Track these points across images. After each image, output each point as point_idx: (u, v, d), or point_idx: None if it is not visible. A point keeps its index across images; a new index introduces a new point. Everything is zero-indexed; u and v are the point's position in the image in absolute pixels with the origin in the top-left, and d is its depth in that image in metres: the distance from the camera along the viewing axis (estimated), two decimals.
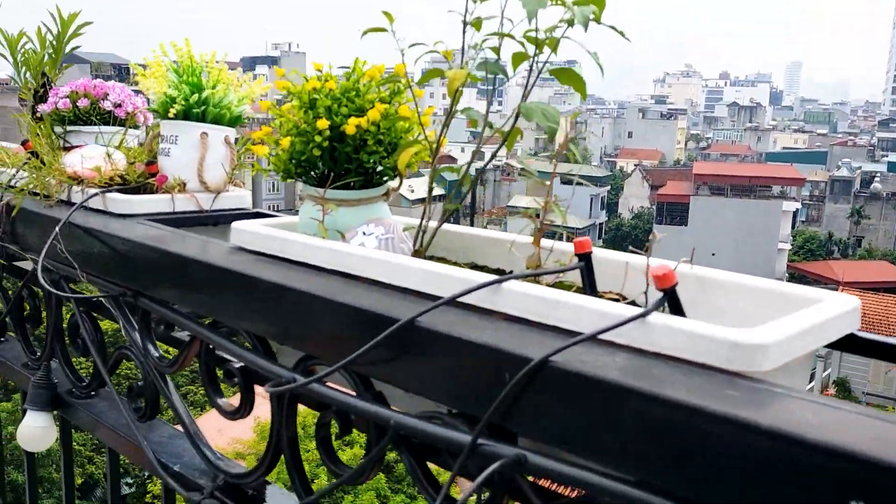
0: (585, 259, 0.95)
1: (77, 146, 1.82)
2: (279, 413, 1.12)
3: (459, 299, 0.92)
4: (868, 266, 40.13)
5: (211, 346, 1.26)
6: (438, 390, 0.89)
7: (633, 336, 0.79)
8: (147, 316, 1.38)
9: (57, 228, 1.44)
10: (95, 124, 1.83)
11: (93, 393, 1.62)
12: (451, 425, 0.88)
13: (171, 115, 1.56)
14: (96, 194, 1.54)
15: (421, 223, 1.18)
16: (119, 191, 1.56)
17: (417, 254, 1.16)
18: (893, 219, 52.84)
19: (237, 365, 1.22)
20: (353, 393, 1.02)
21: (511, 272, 1.21)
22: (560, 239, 1.12)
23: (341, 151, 1.18)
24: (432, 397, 0.90)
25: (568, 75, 1.09)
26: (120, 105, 1.86)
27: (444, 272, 0.96)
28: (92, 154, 1.64)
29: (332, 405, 1.01)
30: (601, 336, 0.80)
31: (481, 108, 1.14)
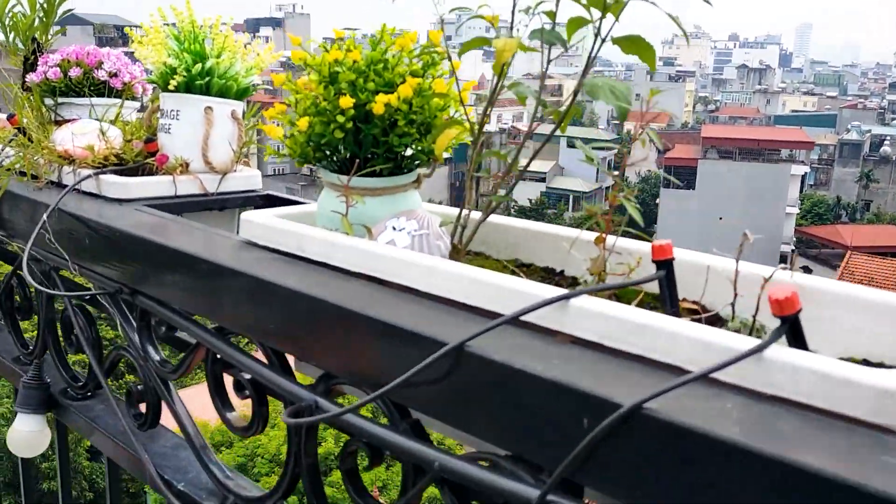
0: (666, 267, 0.79)
1: (69, 120, 1.66)
2: (296, 437, 0.97)
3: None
4: (876, 230, 39.83)
5: (218, 356, 1.11)
6: (492, 430, 0.74)
7: (744, 373, 0.63)
8: (147, 315, 1.23)
9: (45, 216, 1.29)
10: (89, 96, 1.67)
11: (89, 393, 1.48)
12: (508, 472, 0.73)
13: (171, 87, 1.39)
14: (89, 176, 1.38)
15: (459, 217, 1.03)
16: (114, 172, 1.41)
17: (456, 252, 1.01)
18: None
19: (248, 375, 1.07)
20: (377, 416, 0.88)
21: (562, 272, 1.05)
22: (569, 204, 0.97)
23: (367, 133, 1.02)
24: (484, 437, 0.75)
25: (636, 44, 0.93)
26: (116, 75, 1.69)
27: (497, 282, 0.81)
28: (84, 130, 1.48)
29: (363, 437, 0.86)
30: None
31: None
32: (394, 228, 1.01)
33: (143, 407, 1.30)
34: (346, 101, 0.98)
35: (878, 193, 52.88)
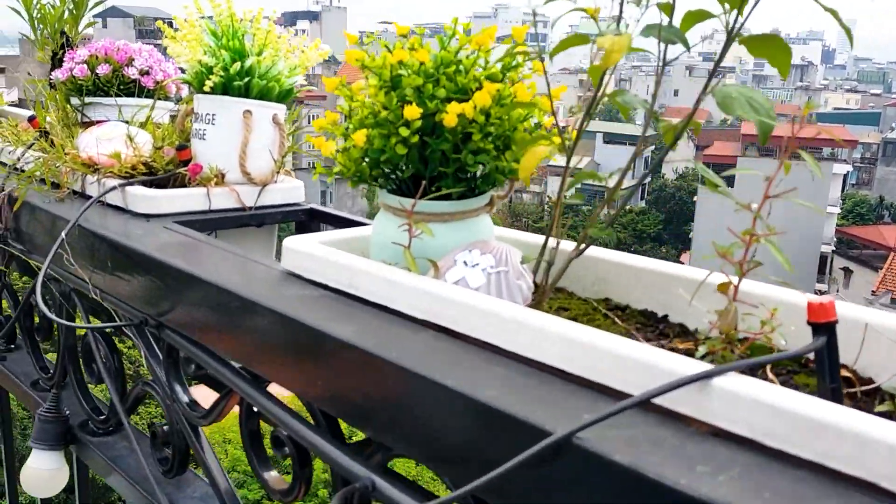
0: (828, 333, 0.62)
1: (97, 122, 1.52)
2: None
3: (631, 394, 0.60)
4: None
5: (255, 408, 0.95)
6: None
7: None
8: (174, 351, 1.08)
9: (63, 234, 1.14)
10: (117, 95, 1.52)
11: (111, 428, 1.33)
12: None
13: (207, 88, 1.24)
14: (114, 188, 1.23)
15: (543, 250, 0.86)
16: (143, 183, 1.26)
17: (539, 294, 0.84)
18: None
19: (287, 432, 0.91)
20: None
21: (665, 317, 0.88)
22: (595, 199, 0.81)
23: (435, 149, 0.85)
24: None
25: (769, 45, 0.75)
26: (147, 72, 1.54)
27: (610, 349, 0.64)
28: (110, 135, 1.34)
29: None
30: None
31: None
32: (465, 264, 0.85)
33: (168, 450, 1.15)
34: (413, 111, 0.81)
35: None
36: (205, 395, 1.12)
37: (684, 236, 38.52)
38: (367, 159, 0.88)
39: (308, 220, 1.33)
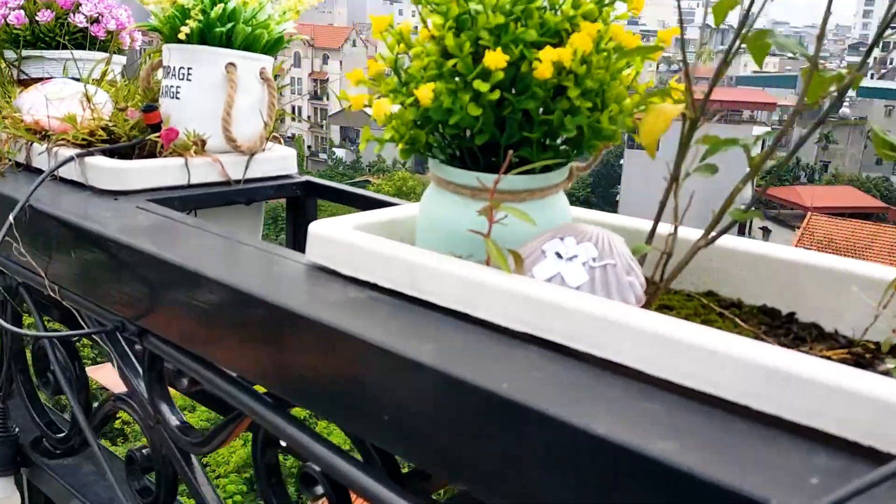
0: None
1: (38, 79, 1.28)
2: None
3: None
4: (834, 191, 40.14)
5: (277, 439, 0.76)
6: None
7: None
8: (159, 362, 0.88)
9: (11, 217, 0.91)
10: (64, 48, 1.28)
11: (73, 447, 1.12)
12: None
13: (181, 36, 1.02)
14: (71, 159, 1.00)
15: (652, 234, 0.68)
16: (104, 152, 1.03)
17: (652, 291, 0.67)
18: (860, 144, 52.86)
19: (319, 467, 0.72)
20: None
21: (792, 315, 0.72)
22: None
23: (517, 109, 0.66)
24: None
25: None
26: (97, 20, 1.30)
27: (822, 379, 0.47)
28: (61, 93, 1.11)
29: None
30: None
31: None
32: (558, 255, 0.66)
33: (149, 479, 0.95)
34: (497, 59, 0.62)
35: (837, 154, 53.34)
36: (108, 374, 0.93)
37: (612, 198, 38.94)
38: (423, 123, 0.69)
39: (305, 196, 1.12)
